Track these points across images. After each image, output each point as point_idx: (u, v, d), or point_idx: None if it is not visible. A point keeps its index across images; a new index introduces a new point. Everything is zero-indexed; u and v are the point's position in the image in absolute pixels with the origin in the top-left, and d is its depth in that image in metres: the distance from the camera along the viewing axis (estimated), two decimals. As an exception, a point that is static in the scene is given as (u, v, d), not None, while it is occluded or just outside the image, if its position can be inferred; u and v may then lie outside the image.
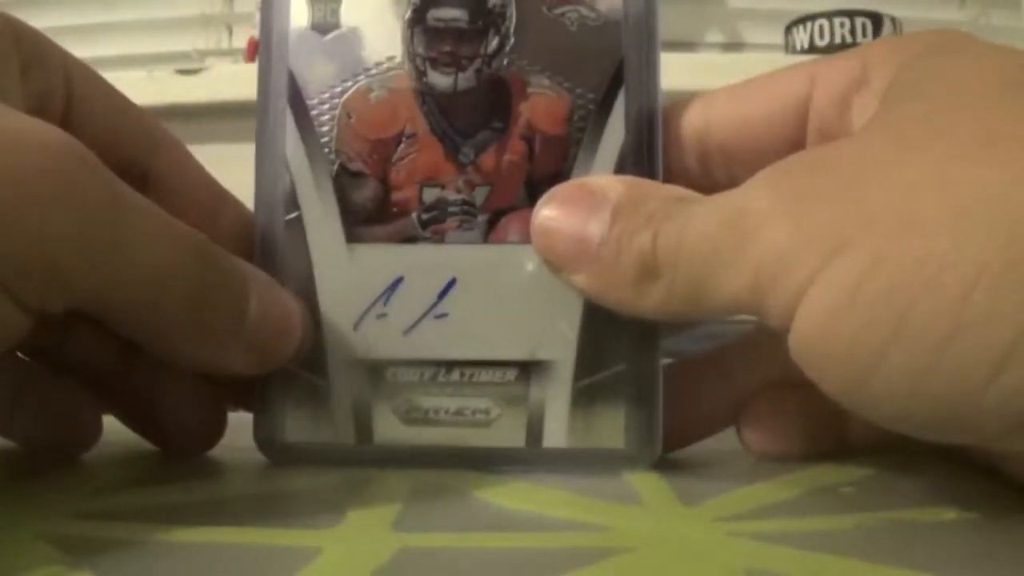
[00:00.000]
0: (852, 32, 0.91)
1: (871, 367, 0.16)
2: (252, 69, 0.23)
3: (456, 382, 0.22)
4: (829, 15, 0.92)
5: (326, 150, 0.23)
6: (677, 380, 0.23)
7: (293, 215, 0.23)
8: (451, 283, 0.22)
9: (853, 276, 0.16)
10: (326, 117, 0.23)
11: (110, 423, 0.25)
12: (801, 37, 0.93)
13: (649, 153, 0.22)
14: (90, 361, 0.23)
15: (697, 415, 0.24)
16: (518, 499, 0.20)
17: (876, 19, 0.92)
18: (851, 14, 0.91)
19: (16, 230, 0.16)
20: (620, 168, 0.22)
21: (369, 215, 0.23)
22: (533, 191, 0.22)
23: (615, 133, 0.22)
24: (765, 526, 0.18)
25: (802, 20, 0.94)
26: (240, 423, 0.24)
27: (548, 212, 0.21)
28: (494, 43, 0.23)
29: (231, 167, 0.26)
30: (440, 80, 0.23)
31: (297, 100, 0.23)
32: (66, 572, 0.15)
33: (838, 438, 0.23)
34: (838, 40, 0.91)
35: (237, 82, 0.84)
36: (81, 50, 0.23)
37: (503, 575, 0.16)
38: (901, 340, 0.16)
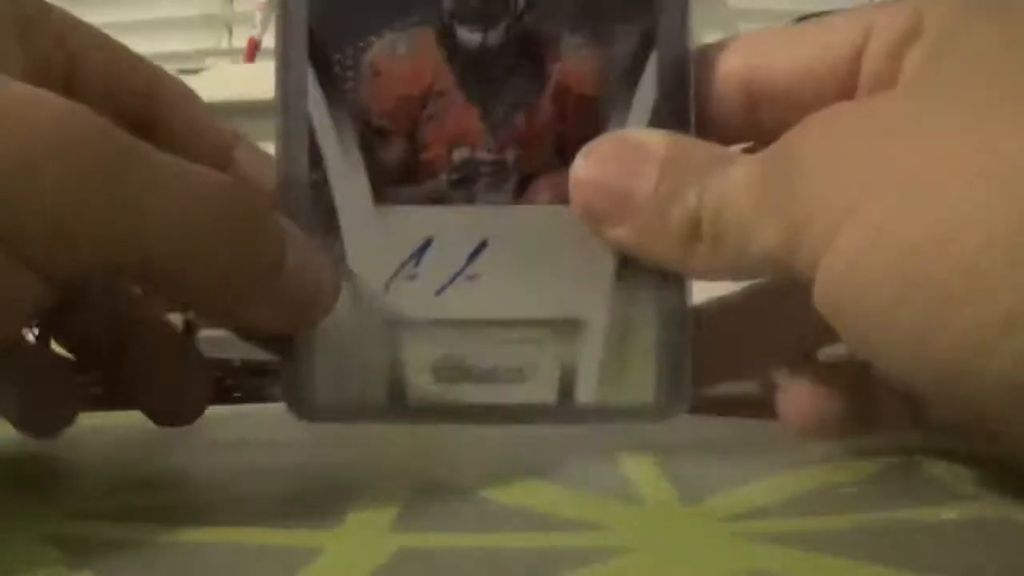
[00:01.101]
0: (852, 32, 0.91)
1: (881, 322, 0.16)
2: (252, 69, 0.23)
3: (488, 341, 0.22)
4: (829, 15, 0.92)
5: (351, 107, 0.22)
6: (703, 324, 0.23)
7: (318, 174, 0.22)
8: (482, 245, 0.22)
9: (871, 231, 0.16)
10: (350, 73, 0.22)
11: (110, 423, 0.25)
12: (801, 37, 0.93)
13: (682, 112, 0.22)
14: (80, 332, 0.23)
15: (722, 358, 0.24)
16: (518, 498, 0.20)
17: (876, 19, 0.91)
18: (851, 14, 0.91)
19: (21, 194, 0.16)
20: (652, 127, 0.22)
21: (397, 175, 0.22)
22: (564, 152, 0.22)
23: (647, 92, 0.22)
24: (765, 526, 0.18)
25: (802, 20, 0.94)
26: (240, 424, 0.24)
27: (589, 165, 0.21)
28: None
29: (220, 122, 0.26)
30: (468, 37, 0.22)
31: (318, 56, 0.22)
32: (66, 572, 0.15)
33: (872, 417, 0.23)
34: (838, 40, 0.91)
35: (237, 82, 0.84)
36: (81, 50, 0.23)
37: (503, 575, 0.16)
38: (909, 300, 0.16)
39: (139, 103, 0.23)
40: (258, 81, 0.23)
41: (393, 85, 0.22)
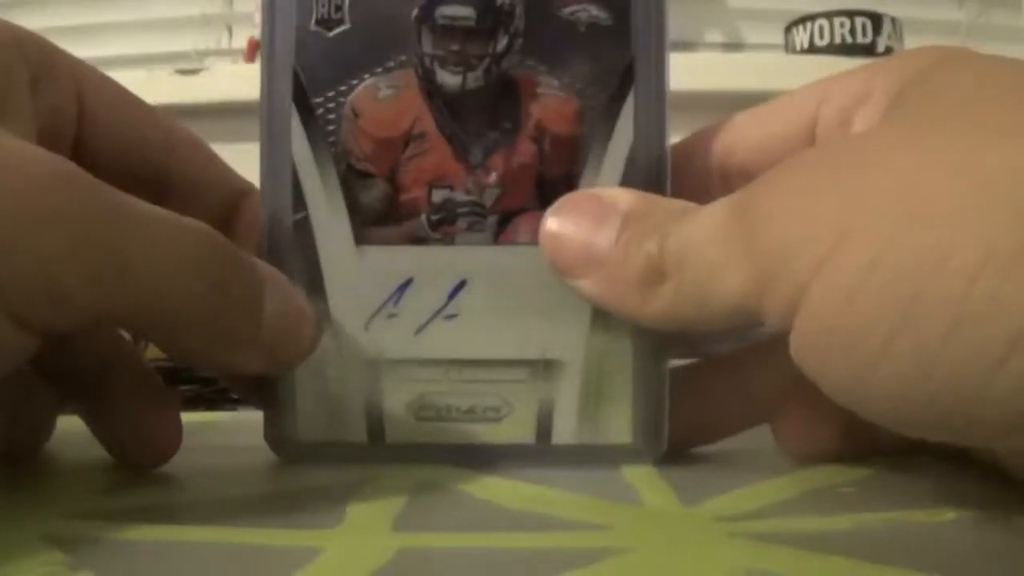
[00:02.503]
0: (852, 32, 0.91)
1: (877, 358, 0.16)
2: (252, 69, 0.23)
3: (467, 381, 0.23)
4: (829, 15, 0.92)
5: (333, 149, 0.23)
6: (689, 382, 0.23)
7: (300, 215, 0.23)
8: (461, 284, 0.22)
9: (858, 266, 0.16)
10: (332, 116, 0.23)
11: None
12: (801, 37, 0.93)
13: (658, 155, 0.22)
14: (58, 368, 0.23)
15: (707, 417, 0.24)
16: (518, 499, 0.20)
17: (876, 19, 0.92)
18: (851, 14, 0.91)
19: (16, 254, 0.16)
20: (629, 169, 0.22)
21: (378, 216, 0.23)
22: (543, 192, 0.22)
23: (624, 134, 0.22)
24: (765, 526, 0.18)
25: (802, 20, 0.94)
26: (238, 425, 0.24)
27: (557, 219, 0.21)
28: (503, 43, 0.22)
29: (231, 167, 0.26)
30: (449, 79, 0.22)
31: (302, 99, 0.23)
32: (66, 572, 0.15)
33: (869, 440, 0.23)
34: (838, 40, 0.91)
35: (237, 82, 0.84)
36: (81, 50, 0.23)
37: (503, 575, 0.16)
38: (907, 328, 0.15)
39: (152, 154, 0.23)
40: (258, 81, 0.23)
41: (374, 128, 0.23)
